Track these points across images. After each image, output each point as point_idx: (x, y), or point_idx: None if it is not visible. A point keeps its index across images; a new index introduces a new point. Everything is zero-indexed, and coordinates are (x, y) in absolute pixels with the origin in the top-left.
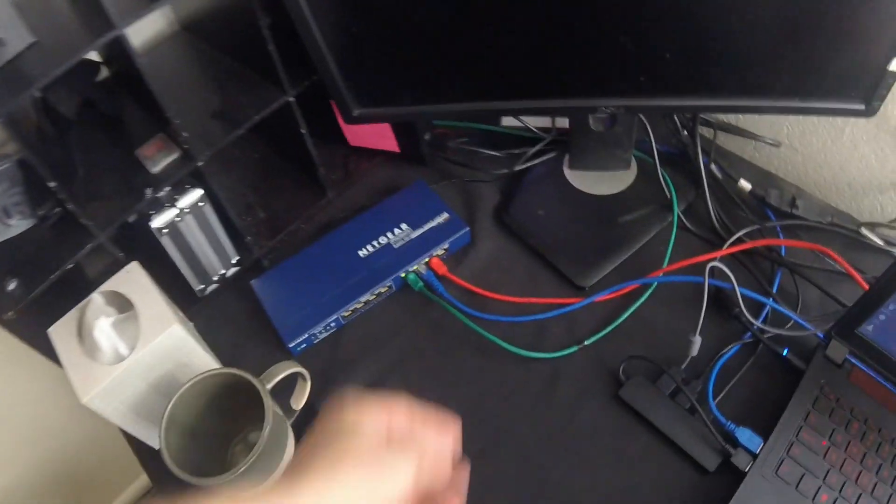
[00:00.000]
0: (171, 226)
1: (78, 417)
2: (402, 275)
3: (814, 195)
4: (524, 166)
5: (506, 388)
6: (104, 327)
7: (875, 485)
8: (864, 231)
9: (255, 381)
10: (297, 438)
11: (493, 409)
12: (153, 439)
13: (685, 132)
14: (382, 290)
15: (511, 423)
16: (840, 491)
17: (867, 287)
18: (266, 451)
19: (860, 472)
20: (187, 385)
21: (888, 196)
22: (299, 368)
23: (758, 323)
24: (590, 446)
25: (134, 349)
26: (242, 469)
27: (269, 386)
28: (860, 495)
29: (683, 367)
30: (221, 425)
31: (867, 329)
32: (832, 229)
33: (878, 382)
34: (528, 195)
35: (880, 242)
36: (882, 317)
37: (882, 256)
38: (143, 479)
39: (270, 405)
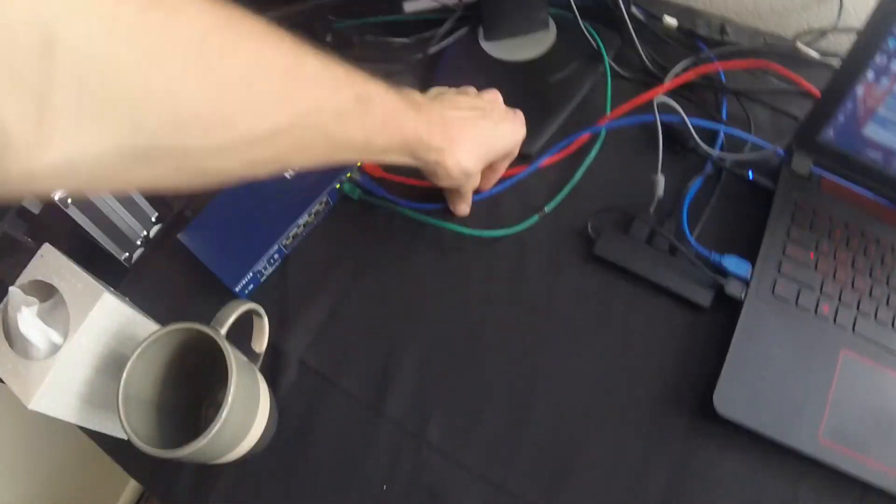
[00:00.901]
0: None
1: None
2: (337, 186)
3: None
4: (438, 47)
5: (475, 275)
6: (29, 319)
7: (871, 287)
8: (800, 45)
9: (205, 328)
10: (271, 384)
11: (468, 299)
12: (119, 430)
13: None
14: (319, 207)
15: (489, 308)
16: (839, 298)
17: (818, 93)
18: (237, 402)
19: (854, 277)
20: (134, 356)
21: (813, 12)
22: (251, 305)
23: (716, 151)
24: (576, 312)
25: (67, 334)
26: (216, 427)
27: (223, 331)
28: (860, 300)
29: (652, 210)
30: (186, 391)
31: (828, 135)
32: (767, 50)
33: (850, 188)
34: (449, 76)
35: (817, 55)
36: (841, 118)
37: (821, 69)
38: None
39: (230, 351)
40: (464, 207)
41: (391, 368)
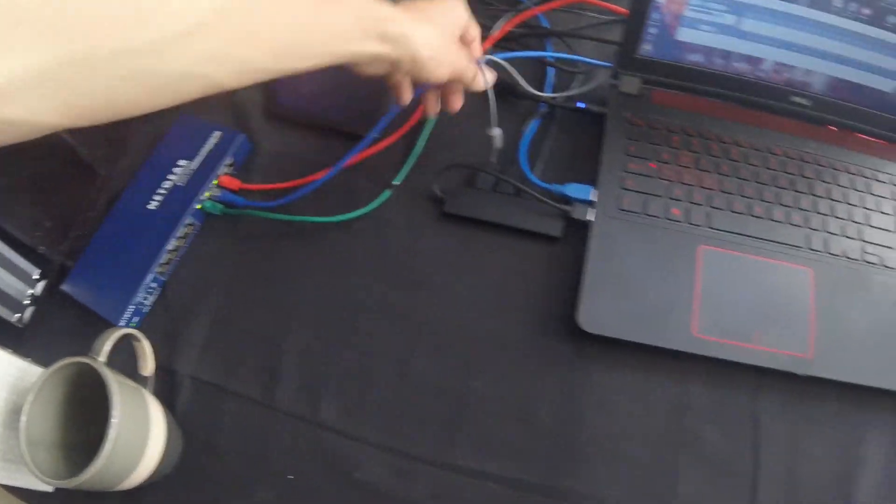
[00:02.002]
0: None
1: None
2: (199, 206)
3: None
4: None
5: (341, 258)
6: None
7: (721, 182)
8: None
9: (84, 359)
10: (168, 405)
11: (338, 281)
12: (38, 482)
13: None
14: (186, 229)
15: (360, 285)
16: (690, 199)
17: (627, 11)
18: (125, 425)
19: (702, 175)
20: (29, 401)
21: None
22: (125, 330)
23: (546, 92)
24: (440, 269)
25: None
26: (106, 450)
27: (102, 359)
28: (712, 196)
29: (495, 160)
30: (89, 426)
31: (646, 50)
32: None
33: (681, 95)
34: (286, 79)
35: None
36: (653, 31)
37: None
38: None
39: (109, 377)
40: (479, 80)
41: (276, 363)
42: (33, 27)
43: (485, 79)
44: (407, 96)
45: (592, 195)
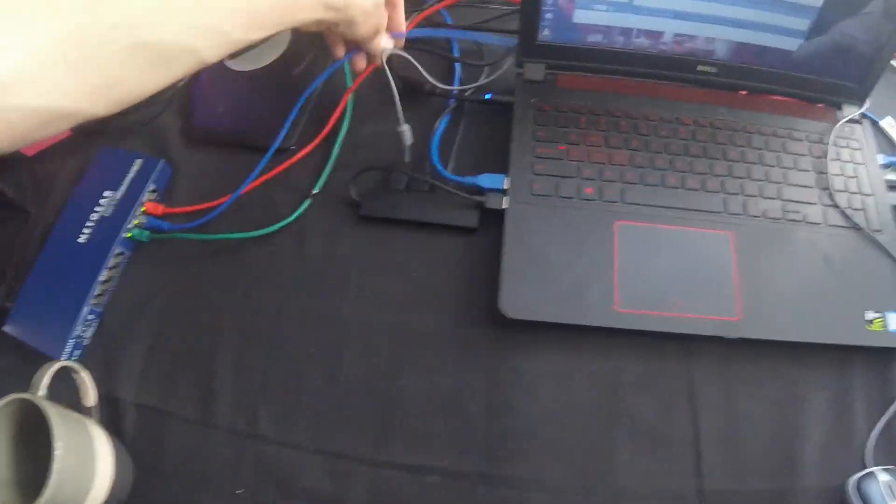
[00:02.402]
0: None
1: None
2: (127, 235)
3: None
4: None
5: (267, 271)
6: None
7: (631, 156)
8: None
9: (23, 395)
10: (116, 433)
11: (265, 294)
12: None
13: None
14: (117, 259)
15: (286, 296)
16: (602, 177)
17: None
18: (69, 457)
19: (612, 153)
20: None
21: None
22: (62, 363)
23: (454, 86)
24: (362, 271)
25: None
26: (52, 481)
27: (41, 393)
28: (624, 172)
29: (407, 159)
30: (37, 460)
31: (546, 35)
32: None
33: (586, 77)
34: (201, 102)
35: None
36: (549, 16)
37: None
38: None
39: (48, 409)
40: (384, 41)
41: (211, 381)
42: (34, 9)
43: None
44: (340, 52)
45: (505, 183)
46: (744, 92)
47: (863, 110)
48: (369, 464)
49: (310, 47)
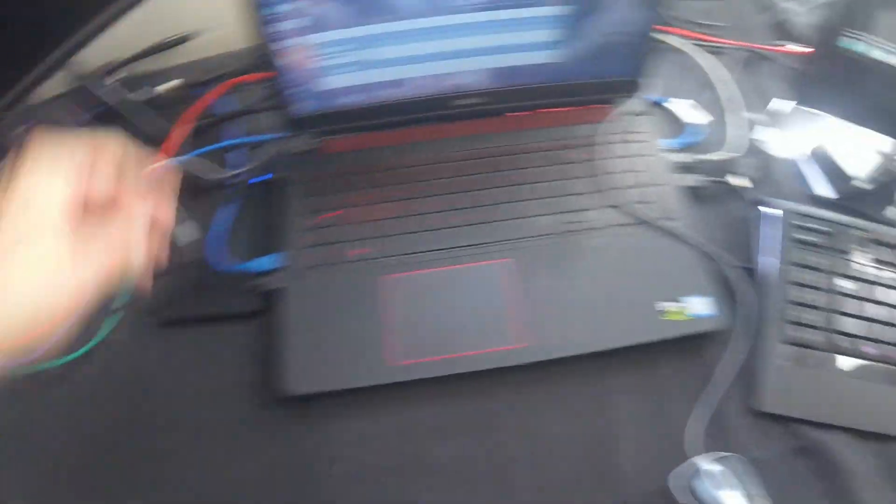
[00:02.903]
0: None
1: None
2: None
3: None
4: None
5: (81, 394)
6: None
7: (393, 208)
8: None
9: None
10: None
11: (89, 419)
12: None
13: None
14: None
15: (101, 418)
16: (365, 236)
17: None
18: None
19: (374, 209)
20: None
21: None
22: None
23: (228, 173)
24: (155, 374)
25: None
26: None
27: None
28: (386, 226)
29: (196, 256)
30: None
31: (301, 107)
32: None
33: (350, 137)
34: None
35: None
36: (297, 89)
37: None
38: None
39: None
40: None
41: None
42: None
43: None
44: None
45: (280, 262)
46: (517, 113)
47: (637, 100)
48: None
49: None
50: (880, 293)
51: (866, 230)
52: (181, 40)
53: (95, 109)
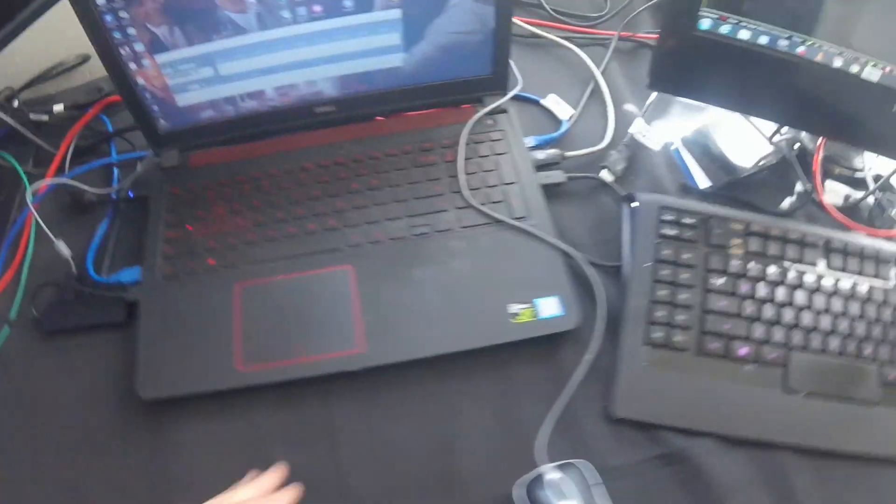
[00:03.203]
0: None
1: None
2: None
3: None
4: None
5: None
6: None
7: (253, 217)
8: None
9: None
10: None
11: None
12: None
13: None
14: None
15: None
16: (224, 245)
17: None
18: None
19: (235, 219)
20: None
21: None
22: None
23: (104, 190)
24: (42, 388)
25: None
26: None
27: None
28: (245, 234)
29: (75, 271)
30: None
31: (164, 125)
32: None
33: (215, 150)
34: None
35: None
36: (155, 108)
37: None
38: None
39: None
40: None
41: None
42: None
43: None
44: None
45: (140, 274)
46: (379, 118)
47: (505, 99)
48: None
49: (2, 184)
50: (759, 289)
51: (747, 222)
52: (82, 61)
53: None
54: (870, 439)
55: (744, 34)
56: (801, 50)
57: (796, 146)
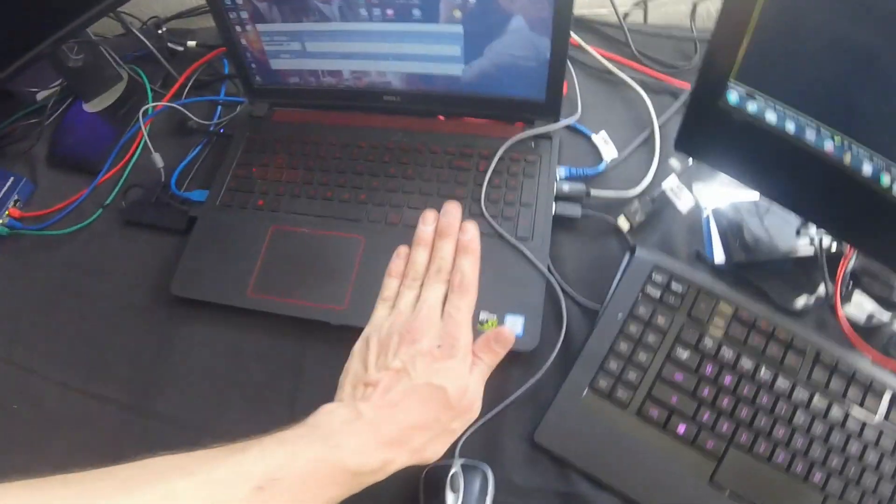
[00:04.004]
0: None
1: None
2: None
3: None
4: (50, 120)
5: (70, 261)
6: None
7: (305, 174)
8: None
9: None
10: None
11: (46, 289)
12: None
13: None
14: None
15: (73, 279)
16: (275, 192)
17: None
18: None
19: (290, 172)
20: None
21: None
22: None
23: (206, 122)
24: (115, 263)
25: None
26: None
27: None
28: (293, 186)
29: (163, 180)
30: None
31: (258, 80)
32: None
33: (294, 111)
34: (60, 135)
35: None
36: (253, 65)
37: None
38: None
39: None
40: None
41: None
42: None
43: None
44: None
45: (206, 197)
46: (441, 117)
47: (552, 127)
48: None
49: (133, 92)
50: (724, 375)
51: (738, 306)
52: None
53: (138, 52)
54: None
55: (770, 116)
56: (828, 146)
57: (833, 246)
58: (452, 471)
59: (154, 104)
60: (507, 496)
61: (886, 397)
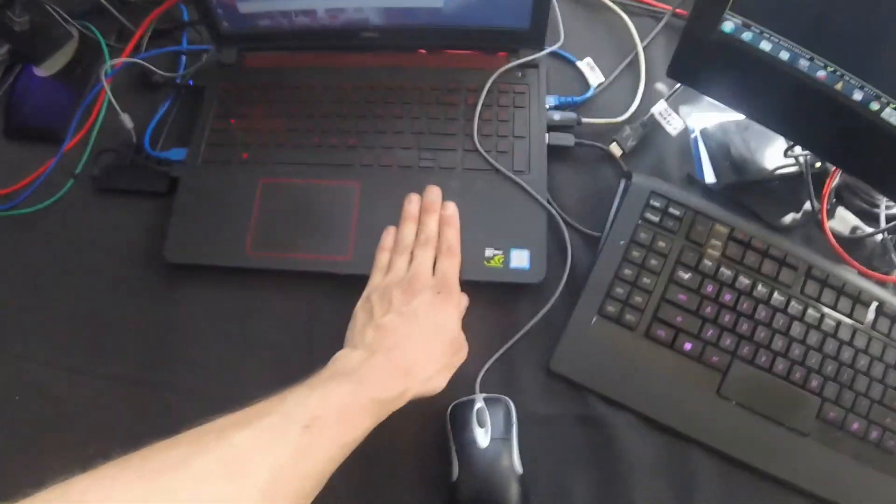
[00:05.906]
0: None
1: None
2: None
3: None
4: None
5: (44, 237)
6: None
7: (288, 122)
8: None
9: None
10: None
11: (32, 270)
12: None
13: None
14: None
15: (48, 254)
16: (258, 143)
17: None
18: None
19: (272, 121)
20: None
21: None
22: None
23: (173, 73)
24: (91, 234)
25: None
26: None
27: None
28: (277, 136)
29: (134, 141)
30: None
31: (226, 25)
32: None
33: (267, 55)
34: (14, 104)
35: None
36: (220, 10)
37: None
38: None
39: None
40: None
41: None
42: None
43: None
44: None
45: (185, 155)
46: (422, 51)
47: (538, 55)
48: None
49: (87, 50)
50: (724, 294)
51: (732, 226)
52: None
53: (87, 6)
54: (789, 467)
55: (765, 45)
56: (821, 74)
57: (817, 164)
58: (477, 405)
59: (114, 61)
60: (530, 425)
61: (873, 307)
